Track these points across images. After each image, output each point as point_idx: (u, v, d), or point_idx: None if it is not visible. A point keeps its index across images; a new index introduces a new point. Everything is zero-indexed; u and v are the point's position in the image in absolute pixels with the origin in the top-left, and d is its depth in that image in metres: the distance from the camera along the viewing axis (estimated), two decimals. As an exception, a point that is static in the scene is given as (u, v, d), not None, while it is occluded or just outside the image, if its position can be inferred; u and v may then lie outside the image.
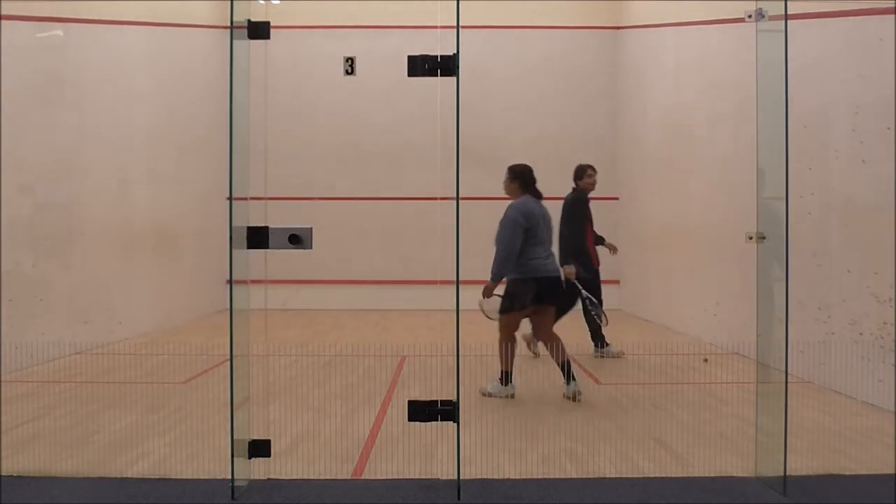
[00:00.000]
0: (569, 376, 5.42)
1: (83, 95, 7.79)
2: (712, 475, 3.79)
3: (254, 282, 3.74)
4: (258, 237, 3.47)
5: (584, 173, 7.24)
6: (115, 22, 8.34)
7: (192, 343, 8.10)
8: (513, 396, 5.54)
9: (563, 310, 6.47)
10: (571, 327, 6.62)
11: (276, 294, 10.43)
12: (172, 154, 9.71)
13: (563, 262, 6.54)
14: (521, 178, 5.64)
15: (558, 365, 5.46)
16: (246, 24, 3.48)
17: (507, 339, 5.63)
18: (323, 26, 11.89)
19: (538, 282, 5.50)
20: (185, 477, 3.74)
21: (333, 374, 6.47)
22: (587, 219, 7.15)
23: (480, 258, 5.65)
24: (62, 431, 4.57)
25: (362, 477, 3.79)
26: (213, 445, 4.14)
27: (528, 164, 5.73)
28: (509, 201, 5.68)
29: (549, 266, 5.58)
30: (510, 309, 5.53)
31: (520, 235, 5.42)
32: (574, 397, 5.38)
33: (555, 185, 11.91)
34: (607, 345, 7.19)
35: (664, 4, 9.78)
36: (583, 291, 6.77)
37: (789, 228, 3.55)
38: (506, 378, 5.59)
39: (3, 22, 6.28)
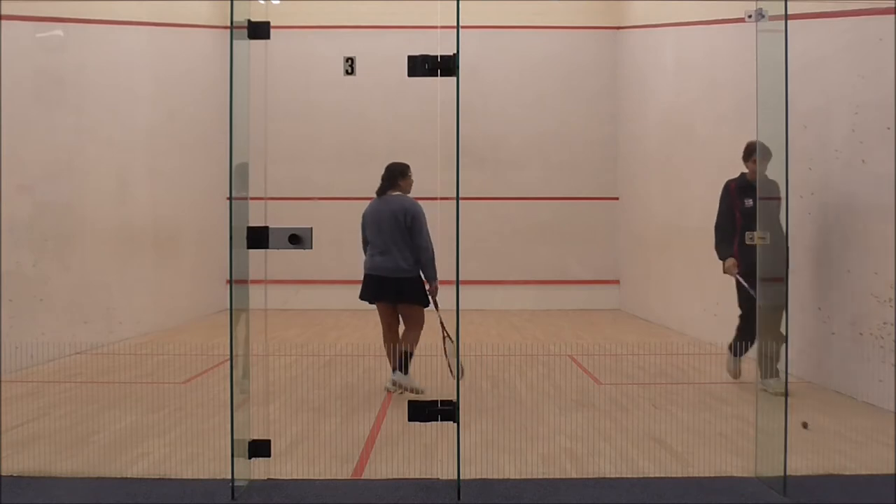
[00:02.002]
0: (404, 366, 5.50)
1: (83, 95, 7.79)
2: (712, 475, 3.79)
3: (254, 282, 3.74)
4: (258, 237, 3.47)
5: (748, 157, 5.73)
6: (115, 22, 8.34)
7: (192, 343, 8.10)
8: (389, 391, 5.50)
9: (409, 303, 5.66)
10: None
11: (276, 294, 10.43)
12: (172, 154, 9.71)
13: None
14: (382, 177, 5.73)
15: (401, 352, 5.56)
16: (246, 24, 3.48)
17: (384, 337, 5.69)
18: (323, 26, 11.89)
19: (365, 278, 5.65)
20: (185, 477, 3.74)
21: (333, 374, 6.46)
22: (731, 210, 5.82)
23: (481, 258, 5.67)
24: (62, 431, 4.57)
25: (362, 477, 3.79)
26: (213, 445, 4.14)
27: (401, 162, 5.73)
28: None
29: (374, 263, 5.59)
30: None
31: (363, 234, 5.74)
32: (394, 389, 5.48)
33: (556, 184, 12.04)
34: (774, 376, 4.75)
35: (664, 4, 9.78)
36: (739, 296, 5.76)
37: (789, 228, 3.55)
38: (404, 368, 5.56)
39: (3, 22, 6.28)
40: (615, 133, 12.03)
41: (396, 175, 5.67)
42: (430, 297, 5.53)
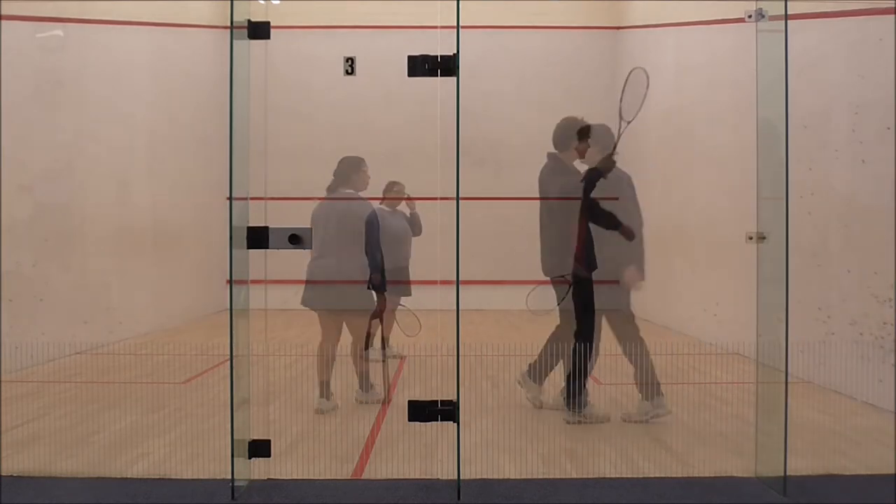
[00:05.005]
0: (362, 383, 5.26)
1: (83, 95, 7.79)
2: (712, 475, 3.79)
3: (254, 282, 3.74)
4: (258, 237, 3.48)
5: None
6: (115, 22, 8.34)
7: (192, 343, 8.09)
8: (378, 402, 5.27)
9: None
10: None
11: (276, 294, 10.42)
12: (172, 154, 9.71)
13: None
14: (333, 172, 5.44)
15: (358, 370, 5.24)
16: (246, 24, 3.48)
17: (321, 345, 5.39)
18: (323, 26, 11.88)
19: (307, 283, 5.36)
20: (185, 477, 3.74)
21: (334, 374, 6.45)
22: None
23: (480, 258, 5.66)
24: (62, 431, 4.57)
25: (362, 477, 3.79)
26: (213, 445, 4.14)
27: (354, 155, 5.39)
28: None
29: (317, 266, 5.32)
30: None
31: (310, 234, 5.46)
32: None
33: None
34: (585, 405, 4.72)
35: (664, 4, 9.78)
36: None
37: (789, 228, 3.55)
38: (363, 383, 5.32)
39: (3, 22, 6.28)
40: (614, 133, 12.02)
41: (348, 170, 5.30)
42: (375, 286, 5.14)
